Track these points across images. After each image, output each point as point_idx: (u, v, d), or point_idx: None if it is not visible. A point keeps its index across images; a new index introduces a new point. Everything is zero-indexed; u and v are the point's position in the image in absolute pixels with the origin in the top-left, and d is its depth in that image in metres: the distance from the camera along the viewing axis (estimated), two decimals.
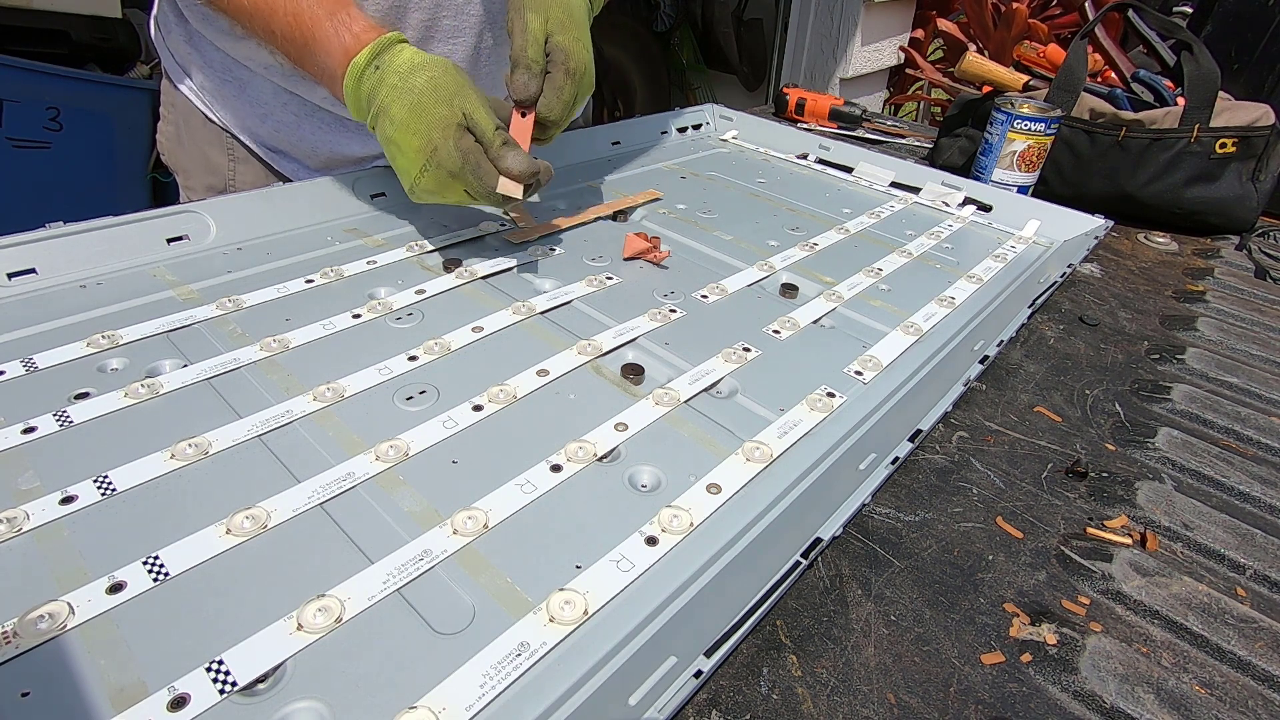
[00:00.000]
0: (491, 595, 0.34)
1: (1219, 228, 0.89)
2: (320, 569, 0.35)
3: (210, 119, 0.74)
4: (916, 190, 0.89)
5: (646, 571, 0.36)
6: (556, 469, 0.42)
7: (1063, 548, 0.42)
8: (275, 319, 0.53)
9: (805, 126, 1.17)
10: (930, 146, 1.11)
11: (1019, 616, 0.37)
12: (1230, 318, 0.70)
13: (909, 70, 2.37)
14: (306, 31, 0.56)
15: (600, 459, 0.43)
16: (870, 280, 0.66)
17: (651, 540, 0.37)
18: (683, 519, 0.39)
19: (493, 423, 0.45)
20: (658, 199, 0.81)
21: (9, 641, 0.30)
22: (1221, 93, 0.85)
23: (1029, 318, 0.61)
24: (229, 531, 0.36)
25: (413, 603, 0.33)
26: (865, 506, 0.43)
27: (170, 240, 0.60)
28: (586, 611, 0.33)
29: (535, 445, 0.43)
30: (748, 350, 0.54)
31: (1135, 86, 0.94)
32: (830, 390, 0.50)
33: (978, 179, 0.91)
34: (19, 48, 1.54)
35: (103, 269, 0.56)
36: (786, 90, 1.24)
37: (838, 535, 0.39)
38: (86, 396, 0.44)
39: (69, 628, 0.31)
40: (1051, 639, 0.36)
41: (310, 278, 0.58)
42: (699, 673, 0.31)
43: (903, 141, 1.16)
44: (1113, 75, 1.03)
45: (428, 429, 0.44)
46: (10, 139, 1.55)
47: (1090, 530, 0.43)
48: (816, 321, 0.59)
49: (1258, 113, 0.84)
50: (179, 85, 0.75)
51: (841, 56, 2.25)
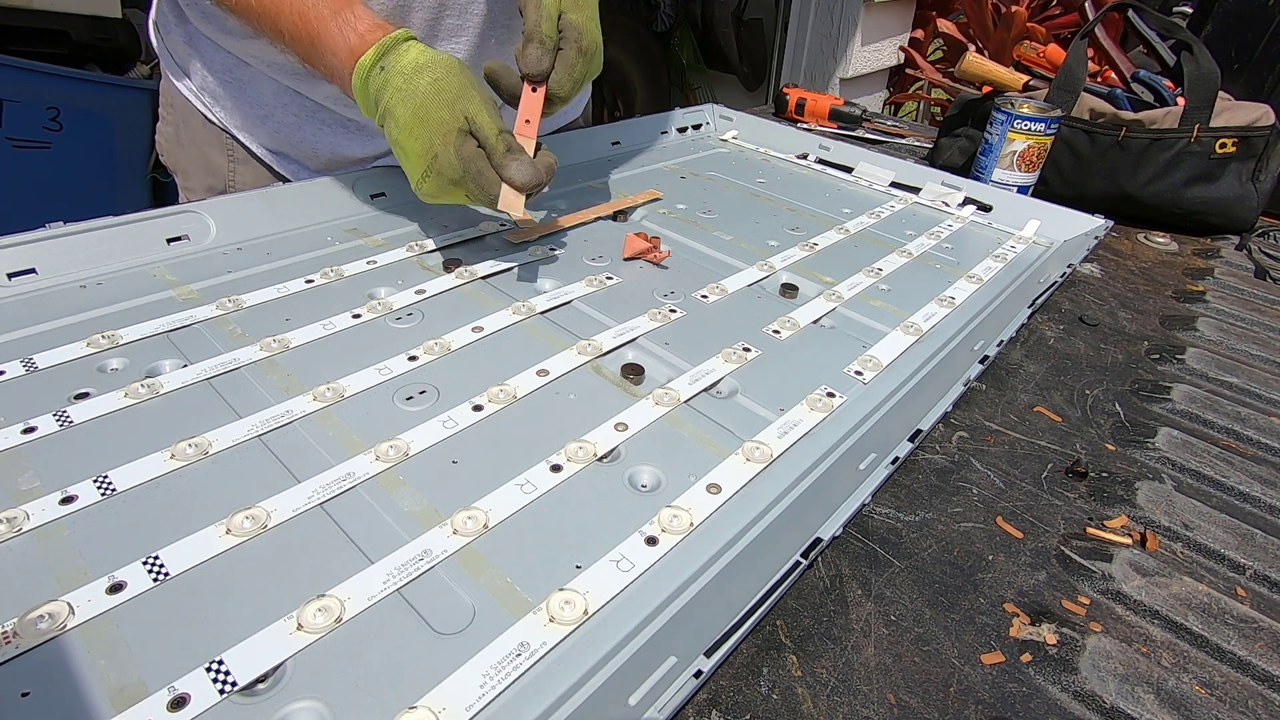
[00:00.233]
0: (491, 595, 0.34)
1: (1219, 228, 0.89)
2: (320, 569, 0.35)
3: (210, 120, 0.74)
4: (916, 190, 0.89)
5: (646, 571, 0.36)
6: (556, 469, 0.42)
7: (1063, 548, 0.42)
8: (275, 319, 0.53)
9: (805, 126, 1.17)
10: (930, 146, 1.11)
11: (1019, 616, 0.37)
12: (1230, 318, 0.70)
13: (909, 70, 2.37)
14: (312, 31, 0.56)
15: (600, 459, 0.43)
16: (870, 280, 0.66)
17: (651, 540, 0.37)
18: (683, 519, 0.39)
19: (493, 423, 0.45)
20: (658, 199, 0.81)
21: (9, 641, 0.30)
22: (1221, 93, 0.85)
23: (1029, 318, 0.61)
24: (229, 531, 0.36)
25: (413, 603, 0.33)
26: (865, 506, 0.43)
27: (170, 240, 0.60)
28: (586, 611, 0.33)
29: (535, 445, 0.43)
30: (748, 350, 0.54)
31: (1135, 86, 0.94)
32: (830, 390, 0.50)
33: (978, 179, 0.91)
34: (19, 48, 1.55)
35: (103, 269, 0.56)
36: (786, 90, 1.24)
37: (838, 535, 0.39)
38: (86, 396, 0.44)
39: (69, 628, 0.31)
40: (1051, 639, 0.36)
41: (310, 278, 0.58)
42: (699, 673, 0.31)
43: (903, 141, 1.16)
44: (1113, 75, 1.03)
45: (428, 429, 0.44)
46: (10, 139, 1.55)
47: (1090, 530, 0.43)
48: (816, 321, 0.59)
49: (1258, 113, 0.84)
50: (178, 86, 0.74)
51: (841, 56, 2.25)
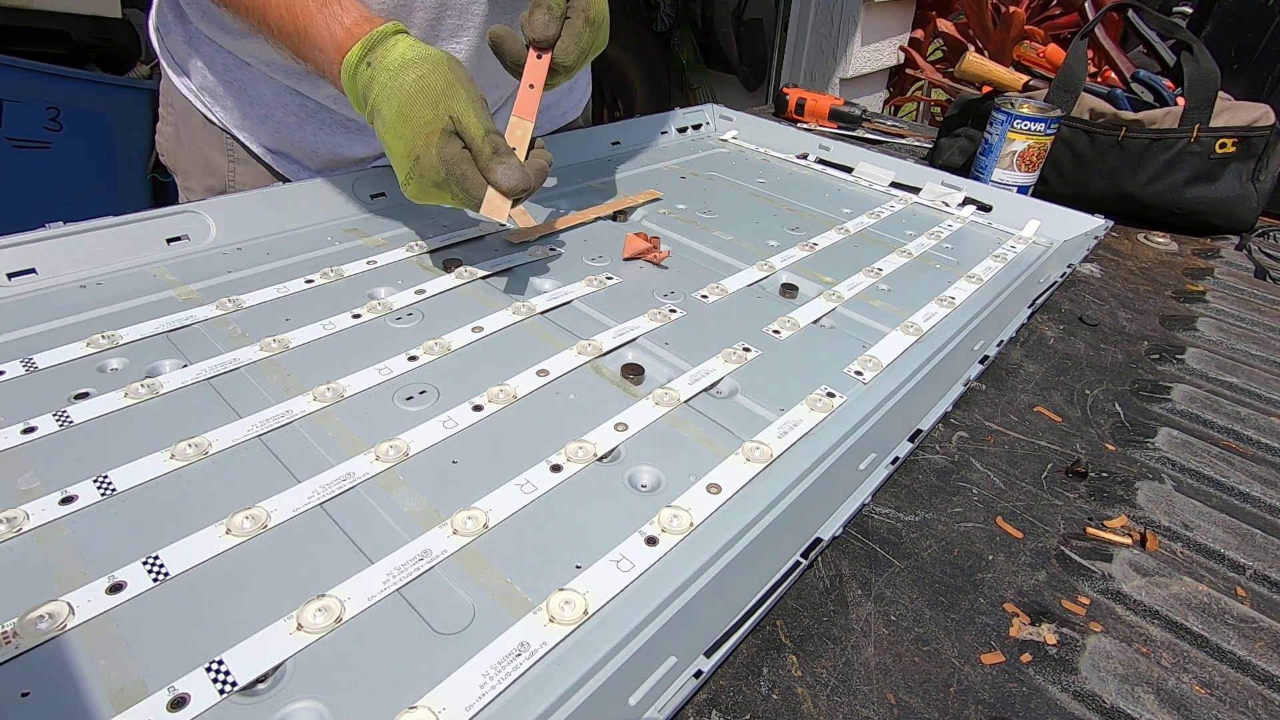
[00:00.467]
0: (491, 595, 0.34)
1: (1219, 228, 0.89)
2: (320, 569, 0.35)
3: (210, 120, 0.74)
4: (916, 190, 0.89)
5: (646, 571, 0.36)
6: (556, 469, 0.42)
7: (1063, 548, 0.42)
8: (275, 319, 0.53)
9: (805, 126, 1.17)
10: (930, 146, 1.11)
11: (1019, 616, 0.37)
12: (1230, 318, 0.70)
13: (909, 70, 2.37)
14: (300, 24, 0.54)
15: (600, 459, 0.43)
16: (870, 280, 0.66)
17: (651, 540, 0.37)
18: (683, 519, 0.39)
19: (493, 423, 0.45)
20: (658, 199, 0.81)
21: (9, 641, 0.30)
22: (1221, 93, 0.85)
23: (1029, 318, 0.61)
24: (229, 531, 0.36)
25: (413, 603, 0.33)
26: (865, 506, 0.43)
27: (170, 240, 0.60)
28: (586, 611, 0.33)
29: (535, 445, 0.43)
30: (748, 350, 0.54)
31: (1135, 86, 0.94)
32: (830, 390, 0.50)
33: (978, 179, 0.91)
34: (19, 48, 1.54)
35: (103, 269, 0.56)
36: (786, 90, 1.24)
37: (838, 535, 0.39)
38: (86, 396, 0.44)
39: (69, 628, 0.31)
40: (1051, 639, 0.36)
41: (310, 278, 0.58)
42: (699, 673, 0.31)
43: (903, 141, 1.16)
44: (1113, 75, 1.03)
45: (428, 429, 0.44)
46: (10, 139, 1.55)
47: (1090, 530, 0.43)
48: (816, 321, 0.59)
49: (1258, 113, 0.84)
50: (178, 85, 0.74)
51: (841, 56, 2.25)
